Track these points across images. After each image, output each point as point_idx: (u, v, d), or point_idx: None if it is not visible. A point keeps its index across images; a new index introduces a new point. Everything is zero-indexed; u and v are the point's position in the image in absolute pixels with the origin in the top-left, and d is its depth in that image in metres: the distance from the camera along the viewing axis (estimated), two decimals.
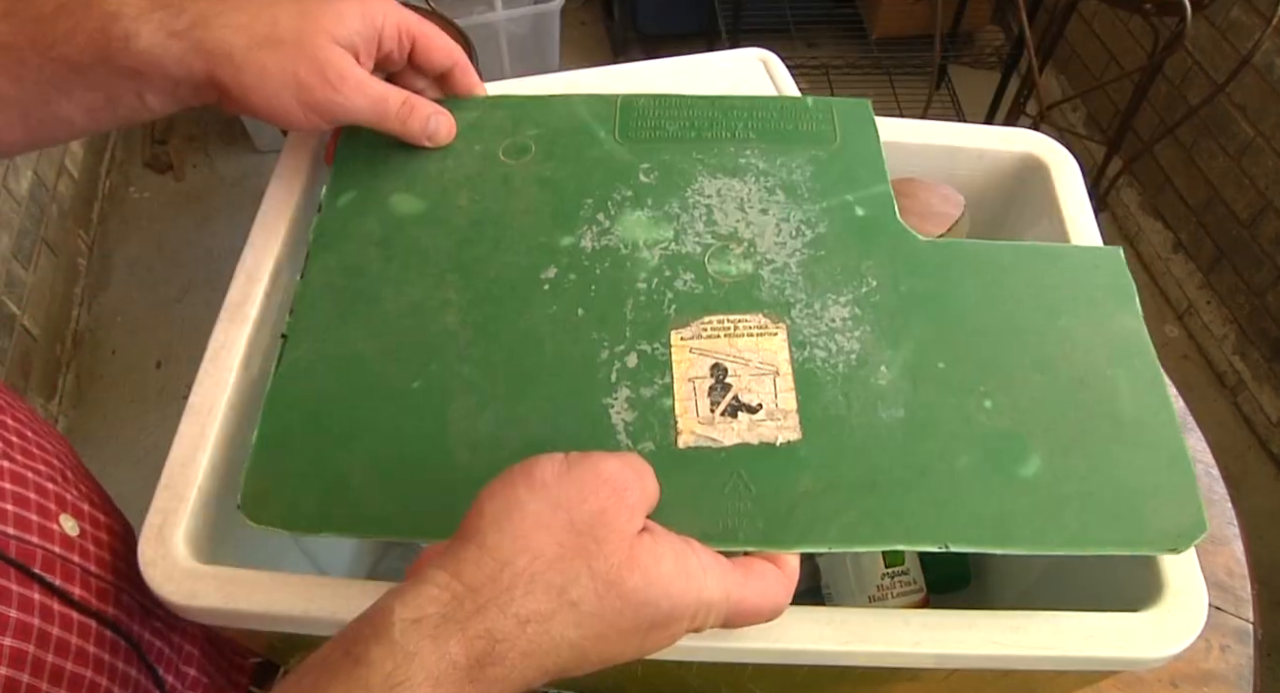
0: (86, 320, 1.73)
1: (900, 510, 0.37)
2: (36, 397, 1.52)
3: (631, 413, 0.39)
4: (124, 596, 0.44)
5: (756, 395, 0.39)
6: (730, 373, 0.40)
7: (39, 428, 0.46)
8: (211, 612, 0.38)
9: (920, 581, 0.56)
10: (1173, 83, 1.75)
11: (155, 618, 0.46)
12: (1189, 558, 0.41)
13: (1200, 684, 0.61)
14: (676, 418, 0.38)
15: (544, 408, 0.39)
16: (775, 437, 0.38)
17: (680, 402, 0.39)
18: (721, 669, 0.41)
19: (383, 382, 0.41)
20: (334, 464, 0.39)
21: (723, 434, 0.38)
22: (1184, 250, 1.82)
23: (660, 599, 0.31)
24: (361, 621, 0.29)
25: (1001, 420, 0.39)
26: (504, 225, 0.45)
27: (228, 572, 0.39)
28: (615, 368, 0.40)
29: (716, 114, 0.50)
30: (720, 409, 0.39)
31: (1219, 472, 0.72)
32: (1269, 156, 1.57)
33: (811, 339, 0.41)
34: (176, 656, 0.48)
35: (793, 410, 0.39)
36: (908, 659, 0.39)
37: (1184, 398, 0.76)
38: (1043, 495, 0.37)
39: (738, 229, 0.45)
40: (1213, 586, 0.64)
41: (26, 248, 1.57)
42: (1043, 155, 0.56)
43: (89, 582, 0.42)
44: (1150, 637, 0.39)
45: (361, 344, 0.42)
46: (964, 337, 0.41)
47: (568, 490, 0.31)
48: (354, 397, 0.40)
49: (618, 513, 0.31)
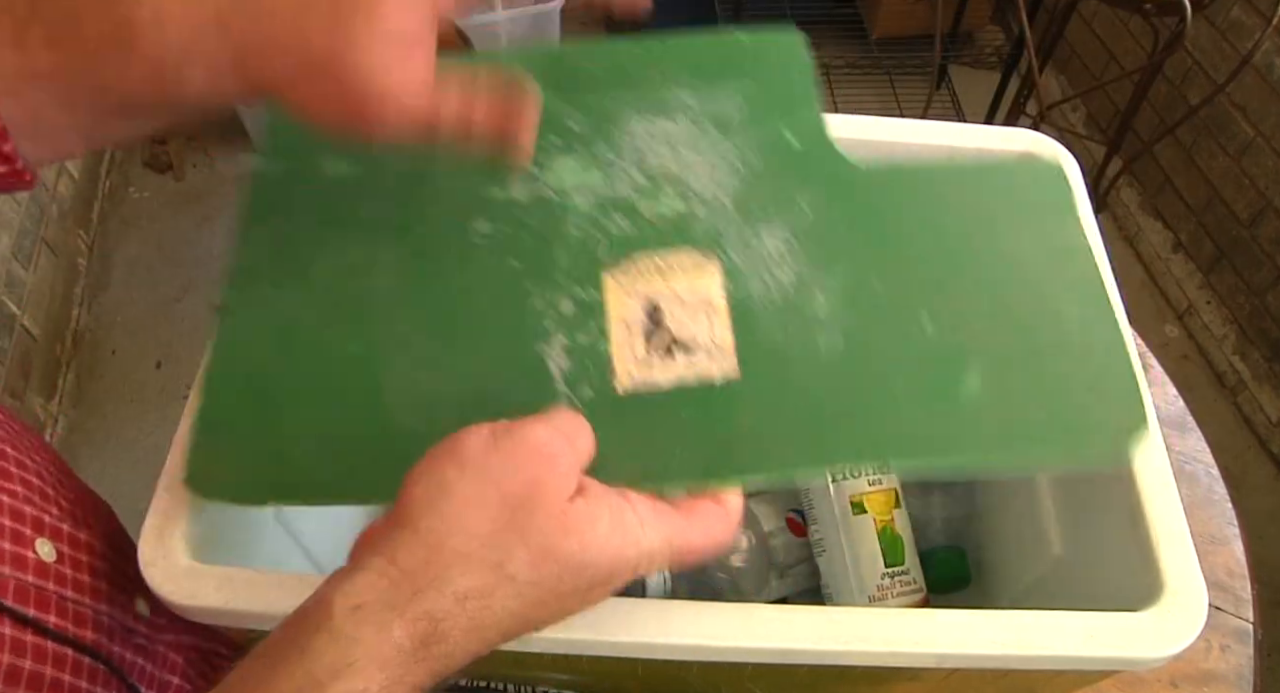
0: (86, 320, 1.73)
1: (839, 438, 0.37)
2: (36, 397, 1.52)
3: (568, 360, 0.39)
4: (104, 617, 0.43)
5: (693, 333, 0.39)
6: (665, 312, 0.39)
7: (20, 443, 0.45)
8: (211, 612, 0.38)
9: (920, 581, 0.56)
10: (1173, 83, 1.75)
11: (137, 635, 0.45)
12: (1189, 558, 0.41)
13: (1200, 684, 0.61)
14: (613, 361, 0.38)
15: (481, 363, 0.39)
16: (713, 375, 0.38)
17: (616, 345, 0.39)
18: (721, 669, 0.41)
19: (320, 348, 0.40)
20: (276, 434, 0.39)
21: (660, 375, 0.38)
22: (1184, 250, 1.82)
23: (598, 560, 0.31)
24: (303, 611, 0.30)
25: (941, 340, 0.39)
26: (435, 183, 0.44)
27: (228, 572, 0.39)
28: (550, 316, 0.40)
29: (645, 55, 0.49)
30: (656, 350, 0.38)
31: (1219, 472, 0.72)
32: (1269, 156, 1.57)
33: (747, 272, 0.41)
34: (159, 668, 0.47)
35: (729, 347, 0.38)
36: (908, 659, 0.39)
37: (1184, 398, 0.76)
38: (983, 409, 0.37)
39: (669, 168, 0.44)
40: (1213, 586, 0.64)
41: (26, 248, 1.57)
42: (1043, 155, 0.56)
43: (65, 608, 0.41)
44: (1150, 637, 0.39)
45: (297, 311, 0.41)
46: (901, 259, 0.41)
47: (496, 465, 0.31)
48: (292, 365, 0.40)
49: (549, 482, 0.31)
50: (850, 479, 0.56)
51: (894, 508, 0.57)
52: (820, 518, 0.57)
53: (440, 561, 0.30)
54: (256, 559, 0.45)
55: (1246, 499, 1.52)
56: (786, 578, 0.59)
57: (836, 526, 0.56)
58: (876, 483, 0.56)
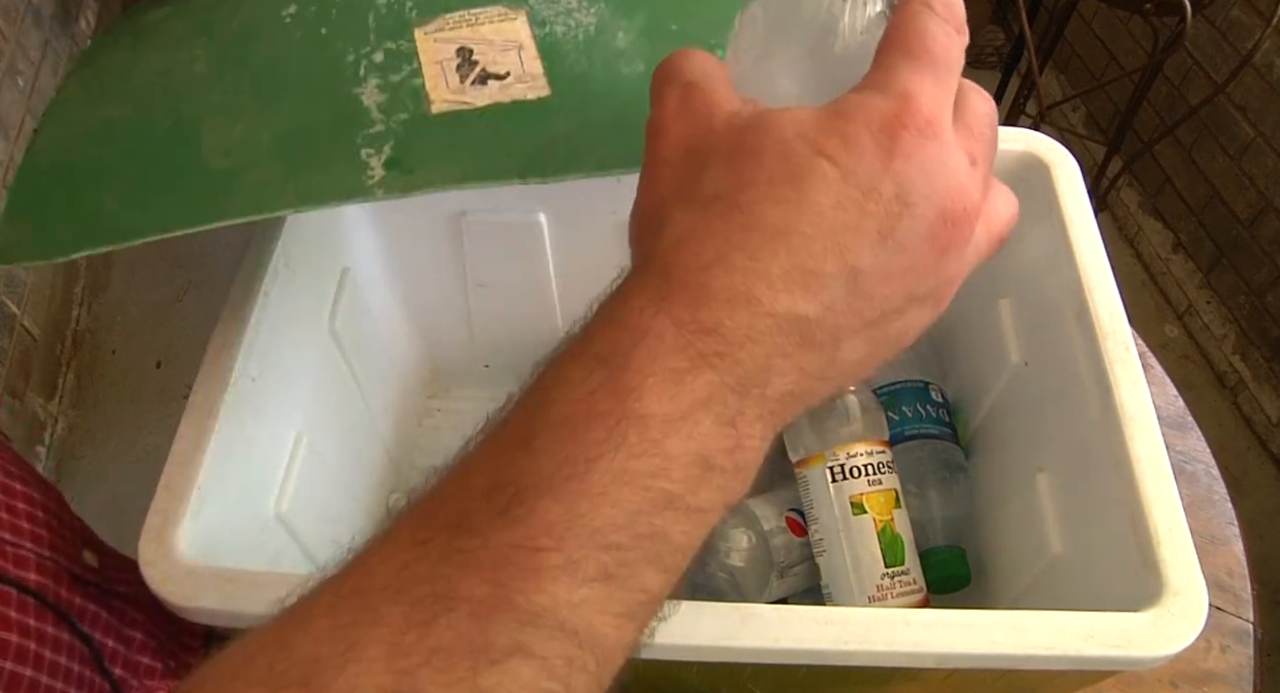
0: (86, 320, 1.73)
1: None
2: (36, 397, 1.52)
3: (382, 95, 0.40)
4: (47, 562, 0.43)
5: (504, 66, 0.41)
6: (476, 53, 0.41)
7: None
8: (211, 612, 0.38)
9: (920, 581, 0.56)
10: (1173, 83, 1.75)
11: (87, 584, 0.45)
12: (1189, 558, 0.41)
13: (1200, 684, 0.61)
14: (428, 92, 0.40)
15: (296, 109, 0.40)
16: (525, 94, 0.40)
17: (430, 79, 0.40)
18: (721, 669, 0.41)
19: (133, 131, 0.41)
20: (87, 199, 0.39)
21: (475, 97, 0.40)
22: (1184, 250, 1.82)
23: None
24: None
25: None
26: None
27: (228, 572, 0.39)
28: (363, 65, 0.41)
29: None
30: (470, 80, 0.40)
31: (1219, 472, 0.72)
32: (1269, 156, 1.57)
33: (551, 19, 0.43)
34: (120, 622, 0.47)
35: (539, 73, 0.40)
36: (908, 659, 0.39)
37: (1184, 398, 0.76)
38: None
39: None
40: (1213, 586, 0.64)
41: None
42: (1043, 155, 0.56)
43: (4, 549, 0.41)
44: (1150, 637, 0.39)
45: (113, 111, 0.43)
46: (699, 3, 0.43)
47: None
48: (105, 149, 0.41)
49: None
50: (850, 479, 0.56)
51: (894, 508, 0.57)
52: (820, 518, 0.57)
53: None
54: (256, 559, 0.45)
55: (1246, 499, 1.52)
56: (786, 578, 0.59)
57: (836, 525, 0.56)
58: (876, 483, 0.56)
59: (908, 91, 0.24)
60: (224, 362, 0.45)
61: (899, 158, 0.24)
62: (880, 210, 0.24)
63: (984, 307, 0.63)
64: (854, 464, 0.57)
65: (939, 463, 0.63)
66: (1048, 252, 0.55)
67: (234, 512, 0.41)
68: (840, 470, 0.56)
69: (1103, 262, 0.52)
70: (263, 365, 0.47)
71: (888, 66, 0.25)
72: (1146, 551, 0.42)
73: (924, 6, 0.26)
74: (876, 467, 0.57)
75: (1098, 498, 0.48)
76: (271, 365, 0.48)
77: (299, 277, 0.51)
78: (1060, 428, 0.53)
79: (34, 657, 0.41)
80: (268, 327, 0.47)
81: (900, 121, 0.24)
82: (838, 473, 0.57)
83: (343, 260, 0.58)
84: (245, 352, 0.45)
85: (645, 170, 0.27)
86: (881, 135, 0.24)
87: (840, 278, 0.24)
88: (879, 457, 0.57)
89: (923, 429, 0.63)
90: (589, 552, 0.22)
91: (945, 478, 0.62)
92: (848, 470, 0.56)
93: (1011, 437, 0.61)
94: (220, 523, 0.42)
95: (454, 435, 0.28)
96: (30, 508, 0.44)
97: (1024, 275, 0.59)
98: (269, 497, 0.48)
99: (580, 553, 0.22)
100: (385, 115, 0.39)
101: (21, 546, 0.42)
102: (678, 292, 0.24)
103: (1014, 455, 0.60)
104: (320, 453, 0.53)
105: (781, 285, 0.23)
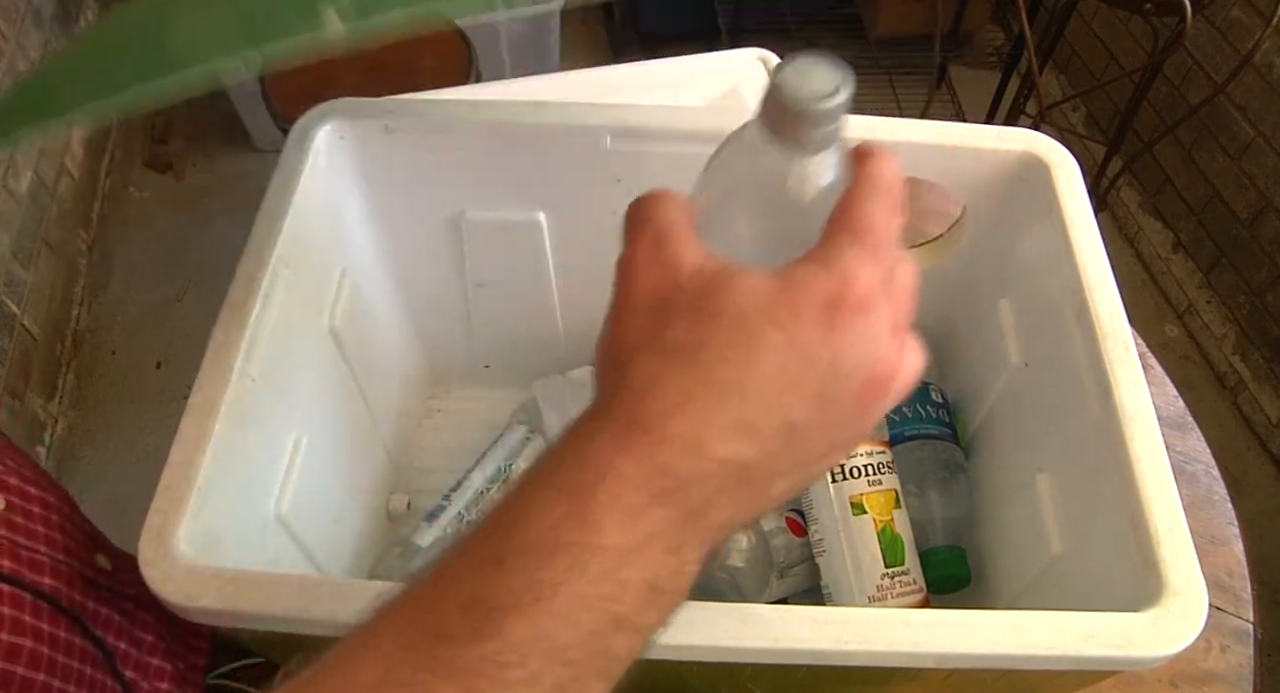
0: (86, 320, 1.73)
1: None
2: (36, 397, 1.52)
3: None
4: (61, 566, 0.43)
5: None
6: None
7: None
8: (211, 612, 0.38)
9: (920, 581, 0.56)
10: (1173, 83, 1.75)
11: (100, 587, 0.46)
12: (1189, 558, 0.41)
13: (1200, 684, 0.61)
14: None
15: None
16: None
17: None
18: (721, 669, 0.41)
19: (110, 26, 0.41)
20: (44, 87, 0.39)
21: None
22: (1184, 250, 1.82)
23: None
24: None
25: None
26: None
27: (228, 572, 0.39)
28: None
29: None
30: None
31: (1219, 472, 0.72)
32: (1269, 156, 1.57)
33: None
34: (132, 625, 0.47)
35: None
36: (908, 659, 0.39)
37: (1184, 398, 0.76)
38: None
39: None
40: (1213, 586, 0.64)
41: (26, 248, 1.57)
42: (1043, 155, 0.56)
43: (19, 554, 0.42)
44: (1150, 637, 0.39)
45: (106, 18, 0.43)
46: None
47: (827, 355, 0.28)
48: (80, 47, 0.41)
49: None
50: (850, 479, 0.56)
51: (894, 508, 0.57)
52: (820, 518, 0.57)
53: None
54: (256, 559, 0.45)
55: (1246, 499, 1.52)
56: (786, 578, 0.59)
57: (836, 525, 0.56)
58: (876, 483, 0.56)
59: (848, 271, 0.28)
60: (224, 362, 0.45)
61: (837, 331, 0.28)
62: (817, 375, 0.28)
63: (984, 307, 0.63)
64: (854, 464, 0.57)
65: (939, 463, 0.63)
66: (1048, 252, 0.55)
67: (234, 512, 0.41)
68: (840, 470, 0.57)
69: (1103, 262, 0.52)
70: (263, 365, 0.47)
71: (834, 245, 0.29)
72: (1146, 551, 0.42)
73: (869, 190, 0.30)
74: (876, 467, 0.57)
75: (1098, 498, 0.48)
76: (271, 365, 0.48)
77: (299, 277, 0.51)
78: (1060, 428, 0.53)
79: (48, 662, 0.41)
80: (268, 327, 0.47)
81: (841, 299, 0.28)
82: (838, 473, 0.57)
83: (343, 260, 0.59)
84: (245, 352, 0.45)
85: (615, 312, 0.30)
86: (824, 311, 0.28)
87: (778, 429, 0.28)
88: (879, 457, 0.57)
89: (923, 429, 0.63)
90: (548, 666, 0.25)
91: (945, 478, 0.62)
92: (848, 470, 0.56)
93: (1011, 437, 0.61)
94: (220, 523, 0.42)
95: (454, 435, 0.29)
96: (44, 511, 0.44)
97: (1024, 275, 0.59)
98: (269, 497, 0.48)
99: (540, 668, 0.25)
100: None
101: (36, 550, 0.43)
102: (639, 434, 0.27)
103: (1014, 455, 0.60)
104: (320, 453, 0.54)
105: (728, 434, 0.27)
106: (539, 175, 0.59)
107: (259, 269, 0.48)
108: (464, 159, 0.58)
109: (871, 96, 2.07)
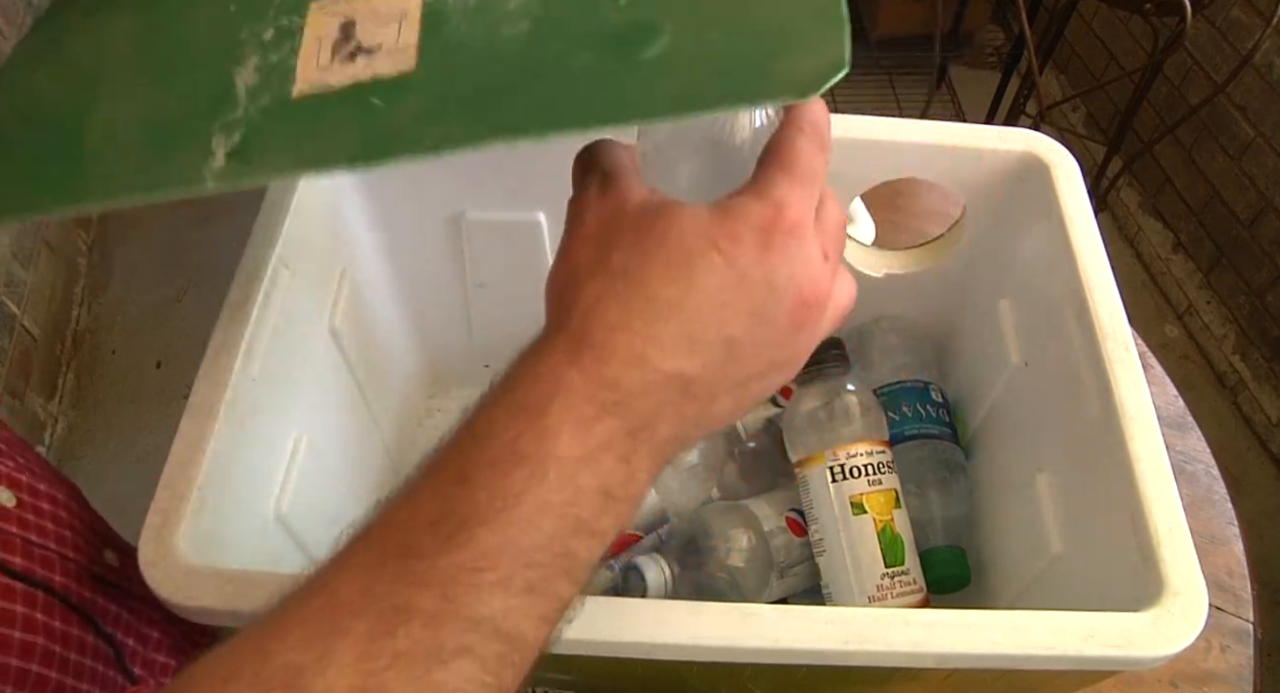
0: (86, 320, 1.73)
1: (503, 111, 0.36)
2: (36, 397, 1.52)
3: (256, 76, 0.39)
4: (70, 563, 0.44)
5: (380, 38, 0.39)
6: (358, 25, 0.40)
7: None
8: (211, 612, 0.38)
9: (920, 581, 0.56)
10: (1173, 83, 1.75)
11: (108, 583, 0.46)
12: (1189, 558, 0.41)
13: (1200, 684, 0.61)
14: (297, 73, 0.39)
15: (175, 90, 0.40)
16: (387, 69, 0.38)
17: (304, 58, 0.39)
18: (721, 669, 0.41)
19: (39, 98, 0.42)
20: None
21: (335, 77, 0.38)
22: (1184, 250, 1.82)
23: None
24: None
25: (635, 13, 0.37)
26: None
27: (228, 572, 0.39)
28: (251, 44, 0.41)
29: None
30: (341, 56, 0.39)
31: (1219, 472, 0.72)
32: (1269, 156, 1.57)
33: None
34: (138, 620, 0.47)
35: (413, 44, 0.39)
36: (908, 659, 0.39)
37: (1184, 398, 0.76)
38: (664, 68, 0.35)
39: None
40: (1213, 586, 0.64)
41: (26, 248, 1.57)
42: (1043, 155, 0.56)
43: (31, 551, 0.42)
44: (1150, 637, 0.39)
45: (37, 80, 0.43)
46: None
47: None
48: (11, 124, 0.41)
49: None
50: (850, 479, 0.56)
51: (894, 508, 0.57)
52: (820, 518, 0.57)
53: None
54: (256, 559, 0.45)
55: (1246, 499, 1.52)
56: (786, 578, 0.59)
57: (836, 525, 0.56)
58: (876, 483, 0.56)
59: (781, 200, 0.30)
60: (224, 362, 0.45)
61: (772, 252, 0.30)
62: (753, 293, 0.30)
63: (984, 307, 0.63)
64: (854, 464, 0.57)
65: (939, 463, 0.63)
66: (1048, 252, 0.55)
67: (234, 512, 0.41)
68: (840, 470, 0.56)
69: (1103, 262, 0.52)
70: (263, 366, 0.47)
71: (767, 178, 0.31)
72: (1146, 551, 0.42)
73: (797, 129, 0.32)
74: (876, 467, 0.57)
75: (1098, 498, 0.48)
76: (271, 366, 0.48)
77: (299, 277, 0.51)
78: (1060, 428, 0.53)
79: (59, 659, 0.41)
80: (268, 327, 0.47)
81: (774, 224, 0.30)
82: (838, 473, 0.57)
83: (343, 260, 0.59)
84: (245, 352, 0.45)
85: (566, 243, 0.32)
86: (759, 235, 0.30)
87: (718, 345, 0.30)
88: (879, 457, 0.57)
89: (923, 429, 0.63)
90: (517, 569, 0.27)
91: (945, 478, 0.62)
92: (848, 470, 0.56)
93: (1011, 437, 0.61)
94: (220, 523, 0.42)
95: None
96: (53, 508, 0.45)
97: (1024, 275, 0.59)
98: (269, 497, 0.48)
99: (511, 571, 0.27)
100: (249, 99, 0.38)
101: (47, 547, 0.43)
102: (587, 350, 0.29)
103: (1014, 455, 0.60)
104: (320, 453, 0.53)
105: (671, 349, 0.29)
106: (539, 175, 0.59)
107: (259, 269, 0.48)
108: (464, 159, 0.58)
109: (871, 96, 2.07)
